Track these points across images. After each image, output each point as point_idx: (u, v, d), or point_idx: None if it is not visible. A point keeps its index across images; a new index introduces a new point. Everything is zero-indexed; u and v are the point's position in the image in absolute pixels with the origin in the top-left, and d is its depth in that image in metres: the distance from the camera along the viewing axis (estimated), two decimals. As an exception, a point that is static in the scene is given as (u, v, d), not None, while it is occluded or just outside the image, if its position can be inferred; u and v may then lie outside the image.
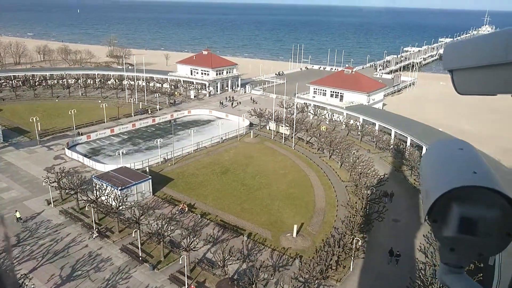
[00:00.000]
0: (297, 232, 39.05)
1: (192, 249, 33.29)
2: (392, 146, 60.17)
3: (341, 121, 73.42)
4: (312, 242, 38.20)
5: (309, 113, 77.76)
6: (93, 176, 46.73)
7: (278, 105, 75.79)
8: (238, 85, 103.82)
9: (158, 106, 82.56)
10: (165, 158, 56.58)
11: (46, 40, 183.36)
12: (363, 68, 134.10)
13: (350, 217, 38.94)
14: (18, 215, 39.79)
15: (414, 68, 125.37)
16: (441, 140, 1.55)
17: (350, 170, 51.29)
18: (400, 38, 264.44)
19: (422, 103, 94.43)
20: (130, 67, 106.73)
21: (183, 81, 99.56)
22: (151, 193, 46.59)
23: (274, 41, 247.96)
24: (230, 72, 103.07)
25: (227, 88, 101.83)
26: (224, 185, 49.47)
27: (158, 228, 34.82)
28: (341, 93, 79.90)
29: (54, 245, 36.69)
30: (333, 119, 75.46)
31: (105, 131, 66.99)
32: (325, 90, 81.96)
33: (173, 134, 63.67)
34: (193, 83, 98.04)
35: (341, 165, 55.14)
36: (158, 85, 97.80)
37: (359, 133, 66.31)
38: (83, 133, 65.11)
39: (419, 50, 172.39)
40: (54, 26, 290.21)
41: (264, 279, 31.17)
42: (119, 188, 42.70)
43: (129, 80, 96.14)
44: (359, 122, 69.17)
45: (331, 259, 32.93)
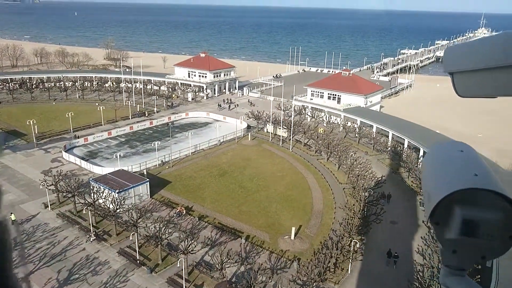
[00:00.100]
0: (295, 235, 39.02)
1: (190, 252, 33.21)
2: (390, 148, 60.27)
3: (339, 123, 73.51)
4: (310, 245, 38.18)
5: (307, 116, 77.86)
6: (91, 179, 46.59)
7: (276, 108, 75.83)
8: (236, 88, 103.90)
9: (156, 109, 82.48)
10: (163, 161, 56.48)
11: (43, 43, 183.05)
12: (360, 71, 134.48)
13: (348, 219, 38.96)
14: (13, 218, 39.61)
15: (411, 70, 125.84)
16: (442, 142, 1.56)
17: (348, 172, 51.34)
18: (397, 41, 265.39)
19: (419, 105, 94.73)
20: (128, 70, 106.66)
21: (181, 84, 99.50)
22: (149, 196, 46.49)
23: (272, 44, 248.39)
24: (228, 75, 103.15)
25: (225, 91, 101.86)
26: (222, 188, 49.42)
27: (156, 231, 34.72)
28: (339, 96, 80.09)
29: (51, 249, 36.52)
30: (331, 121, 75.55)
31: (103, 134, 66.89)
32: (323, 93, 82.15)
33: (171, 137, 63.60)
34: (191, 86, 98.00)
35: (339, 167, 55.20)
36: (156, 88, 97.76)
37: (357, 135, 66.42)
38: (80, 136, 64.96)
39: (416, 53, 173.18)
40: (51, 29, 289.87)
41: (262, 282, 31.11)
42: (117, 191, 42.60)
43: (127, 83, 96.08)
44: (357, 124, 69.29)
45: (329, 262, 32.92)
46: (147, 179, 47.17)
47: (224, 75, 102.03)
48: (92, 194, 42.56)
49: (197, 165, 56.04)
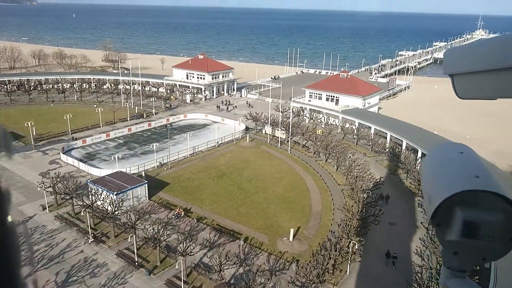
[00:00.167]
0: (294, 236, 39.00)
1: (189, 254, 33.16)
2: (388, 150, 60.37)
3: (337, 125, 73.61)
4: (309, 246, 38.17)
5: (305, 117, 77.91)
6: (89, 181, 46.49)
7: (274, 109, 75.88)
8: (234, 89, 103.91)
9: (154, 111, 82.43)
10: (161, 163, 56.42)
11: (41, 45, 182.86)
12: (358, 72, 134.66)
13: (347, 221, 38.99)
14: (10, 219, 39.35)
15: (409, 72, 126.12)
16: (442, 144, 1.56)
17: (346, 174, 51.37)
18: (395, 42, 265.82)
19: (417, 107, 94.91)
20: (126, 72, 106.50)
21: (179, 85, 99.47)
22: (147, 198, 46.41)
23: (270, 45, 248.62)
24: (226, 76, 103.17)
25: (223, 92, 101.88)
26: (220, 189, 49.38)
27: (154, 233, 34.65)
28: (337, 97, 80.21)
29: (49, 251, 36.42)
30: (329, 123, 75.65)
31: (101, 136, 66.77)
32: (321, 94, 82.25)
33: (169, 139, 63.55)
34: (189, 87, 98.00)
35: (337, 169, 55.24)
36: (154, 90, 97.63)
37: (355, 137, 66.51)
38: (77, 138, 64.80)
39: (414, 54, 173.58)
40: (49, 31, 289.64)
41: (261, 284, 31.04)
42: (115, 193, 42.53)
43: (125, 85, 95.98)
44: (355, 126, 69.39)
45: (328, 263, 32.91)
46: (145, 181, 47.09)
47: (223, 77, 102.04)
48: (90, 196, 42.46)
49: (196, 167, 55.99)
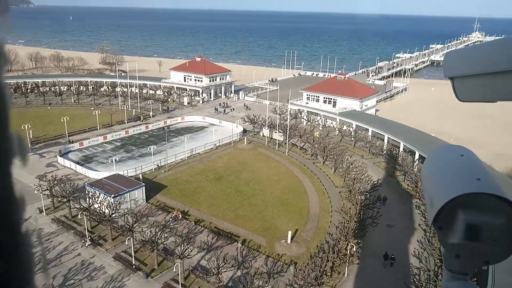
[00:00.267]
0: (292, 239, 38.96)
1: (186, 257, 33.05)
2: (385, 152, 60.45)
3: (335, 127, 73.71)
4: (307, 248, 38.14)
5: (303, 119, 77.99)
6: (86, 184, 46.35)
7: (272, 112, 75.93)
8: (232, 92, 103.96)
9: (151, 113, 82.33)
10: (159, 165, 56.31)
11: (38, 47, 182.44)
12: (356, 74, 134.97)
13: (344, 223, 38.98)
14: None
15: (406, 74, 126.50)
16: (442, 147, 1.56)
17: (344, 176, 51.42)
18: (392, 45, 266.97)
19: (414, 109, 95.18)
20: (123, 74, 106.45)
21: (177, 88, 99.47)
22: (145, 201, 46.28)
23: (267, 48, 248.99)
24: (224, 79, 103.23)
25: (221, 95, 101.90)
26: (218, 192, 49.31)
27: (152, 236, 34.55)
28: (334, 99, 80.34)
29: (46, 254, 36.21)
30: (327, 125, 75.75)
31: (98, 138, 66.57)
32: (318, 96, 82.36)
33: (167, 141, 63.46)
34: (187, 90, 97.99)
35: (335, 171, 55.28)
36: (151, 92, 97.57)
37: (352, 139, 66.59)
38: (74, 141, 64.58)
39: (411, 56, 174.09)
40: (46, 33, 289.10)
41: (259, 286, 30.99)
42: (112, 196, 42.38)
43: (122, 87, 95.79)
44: (352, 128, 69.49)
45: (326, 265, 32.88)
46: (143, 184, 46.97)
47: (220, 79, 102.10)
48: (88, 199, 42.41)
49: (193, 169, 55.91)
